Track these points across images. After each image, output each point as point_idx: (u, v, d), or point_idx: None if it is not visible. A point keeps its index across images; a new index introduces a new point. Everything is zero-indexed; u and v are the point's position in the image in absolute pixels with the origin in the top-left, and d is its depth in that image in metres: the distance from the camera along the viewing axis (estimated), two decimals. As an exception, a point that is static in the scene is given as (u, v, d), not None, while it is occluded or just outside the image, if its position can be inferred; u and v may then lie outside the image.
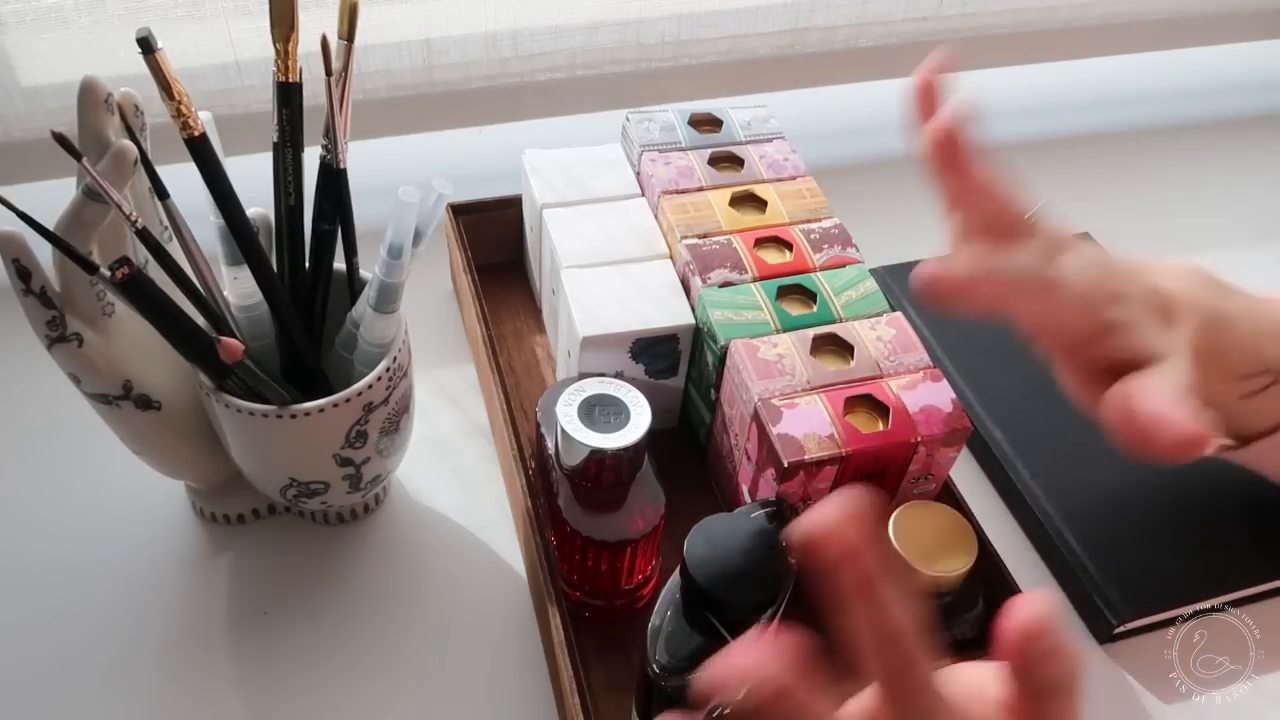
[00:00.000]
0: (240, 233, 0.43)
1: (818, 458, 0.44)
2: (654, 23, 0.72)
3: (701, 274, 0.52)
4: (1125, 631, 0.52)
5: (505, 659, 0.49)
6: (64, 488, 0.54)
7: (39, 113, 0.63)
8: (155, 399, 0.45)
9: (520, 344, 0.63)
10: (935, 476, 0.48)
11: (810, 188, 0.57)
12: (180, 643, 0.49)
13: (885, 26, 0.78)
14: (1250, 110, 0.91)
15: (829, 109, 0.85)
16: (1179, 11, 0.85)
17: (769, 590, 0.39)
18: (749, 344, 0.48)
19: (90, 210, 0.39)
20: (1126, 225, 0.75)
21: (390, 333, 0.46)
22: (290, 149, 0.43)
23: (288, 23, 0.40)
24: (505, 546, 0.54)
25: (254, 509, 0.53)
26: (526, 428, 0.55)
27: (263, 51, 0.64)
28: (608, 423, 0.44)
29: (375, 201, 0.51)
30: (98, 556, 0.52)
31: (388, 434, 0.48)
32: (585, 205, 0.57)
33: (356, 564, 0.52)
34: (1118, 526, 0.54)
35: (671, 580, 0.40)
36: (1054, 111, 0.88)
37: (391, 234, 0.42)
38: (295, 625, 0.50)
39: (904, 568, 0.43)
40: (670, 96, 0.76)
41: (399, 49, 0.68)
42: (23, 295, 0.40)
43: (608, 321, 0.50)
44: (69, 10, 0.60)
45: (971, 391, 0.61)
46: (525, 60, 0.71)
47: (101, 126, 0.40)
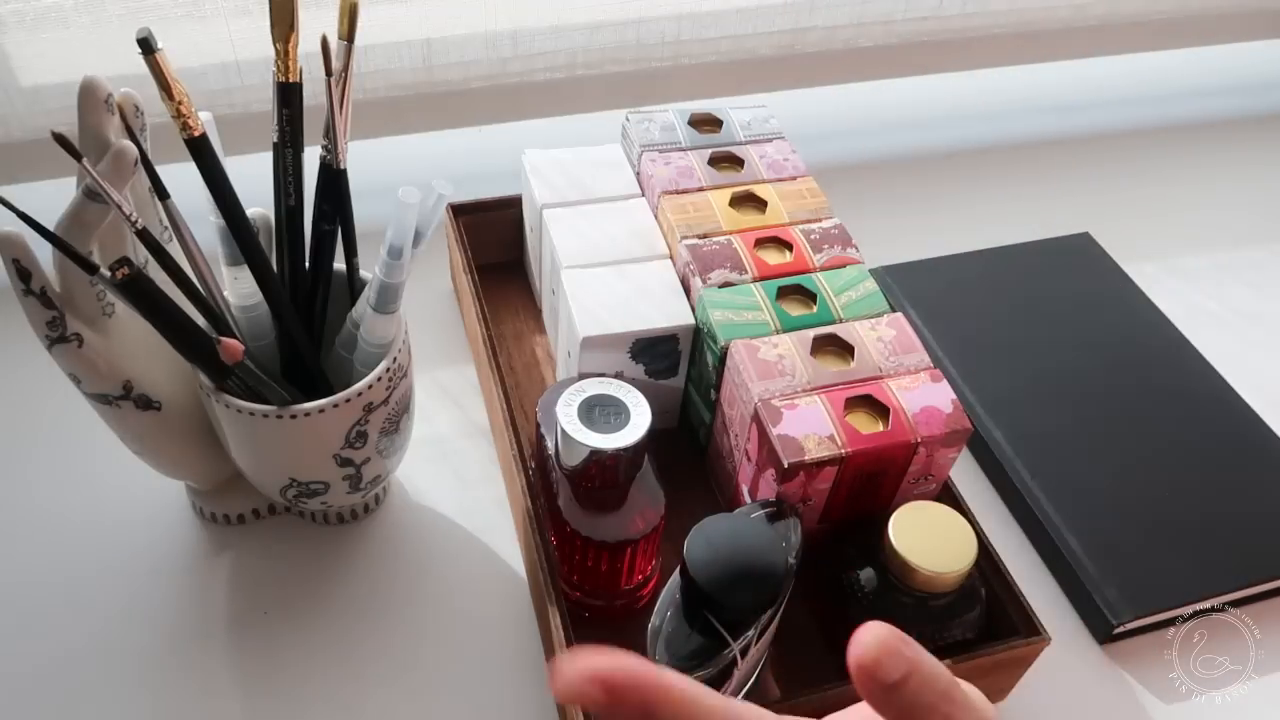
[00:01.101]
0: (240, 233, 0.43)
1: (818, 458, 0.44)
2: (654, 23, 0.72)
3: (701, 274, 0.52)
4: (1125, 631, 0.52)
5: (505, 659, 0.49)
6: (64, 488, 0.54)
7: (39, 113, 0.63)
8: (155, 399, 0.45)
9: (520, 344, 0.63)
10: (935, 477, 0.48)
11: (810, 188, 0.57)
12: (180, 643, 0.49)
13: (885, 26, 0.78)
14: (1250, 110, 0.91)
15: (829, 109, 0.85)
16: (1179, 11, 0.85)
17: (769, 590, 0.39)
18: (749, 344, 0.48)
19: (90, 210, 0.39)
20: (1126, 225, 0.75)
21: (390, 333, 0.46)
22: (290, 149, 0.43)
23: (288, 23, 0.40)
24: (505, 547, 0.54)
25: (254, 509, 0.53)
26: (526, 428, 0.55)
27: (263, 51, 0.64)
28: (608, 423, 0.44)
29: (375, 201, 0.51)
30: (98, 557, 0.52)
31: (388, 434, 0.48)
32: (585, 205, 0.57)
33: (356, 564, 0.52)
34: (1118, 526, 0.54)
35: (671, 580, 0.40)
36: (1054, 111, 0.88)
37: (391, 234, 0.42)
38: (295, 625, 0.50)
39: (904, 568, 0.43)
40: (670, 96, 0.76)
41: (399, 49, 0.68)
42: (23, 295, 0.40)
43: (608, 321, 0.50)
44: (69, 10, 0.60)
45: (971, 392, 0.61)
46: (525, 60, 0.71)
47: (101, 126, 0.40)
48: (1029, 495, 0.56)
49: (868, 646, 0.24)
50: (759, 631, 0.39)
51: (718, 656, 0.38)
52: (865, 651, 0.24)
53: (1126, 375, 0.62)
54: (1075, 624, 0.53)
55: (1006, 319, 0.65)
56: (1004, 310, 0.66)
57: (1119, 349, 0.64)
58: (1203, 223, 0.78)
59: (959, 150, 0.83)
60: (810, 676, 0.48)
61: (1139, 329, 0.65)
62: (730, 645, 0.38)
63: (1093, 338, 0.64)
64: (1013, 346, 0.64)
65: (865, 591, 0.45)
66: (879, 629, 0.24)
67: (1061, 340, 0.64)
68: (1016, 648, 0.45)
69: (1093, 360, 0.63)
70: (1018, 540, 0.56)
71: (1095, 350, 0.64)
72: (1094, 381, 0.62)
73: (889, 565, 0.44)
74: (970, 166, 0.81)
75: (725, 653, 0.38)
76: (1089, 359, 0.63)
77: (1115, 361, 0.63)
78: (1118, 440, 0.58)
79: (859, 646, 0.24)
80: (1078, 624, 0.53)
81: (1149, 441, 0.58)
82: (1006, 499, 0.58)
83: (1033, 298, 0.67)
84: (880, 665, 0.23)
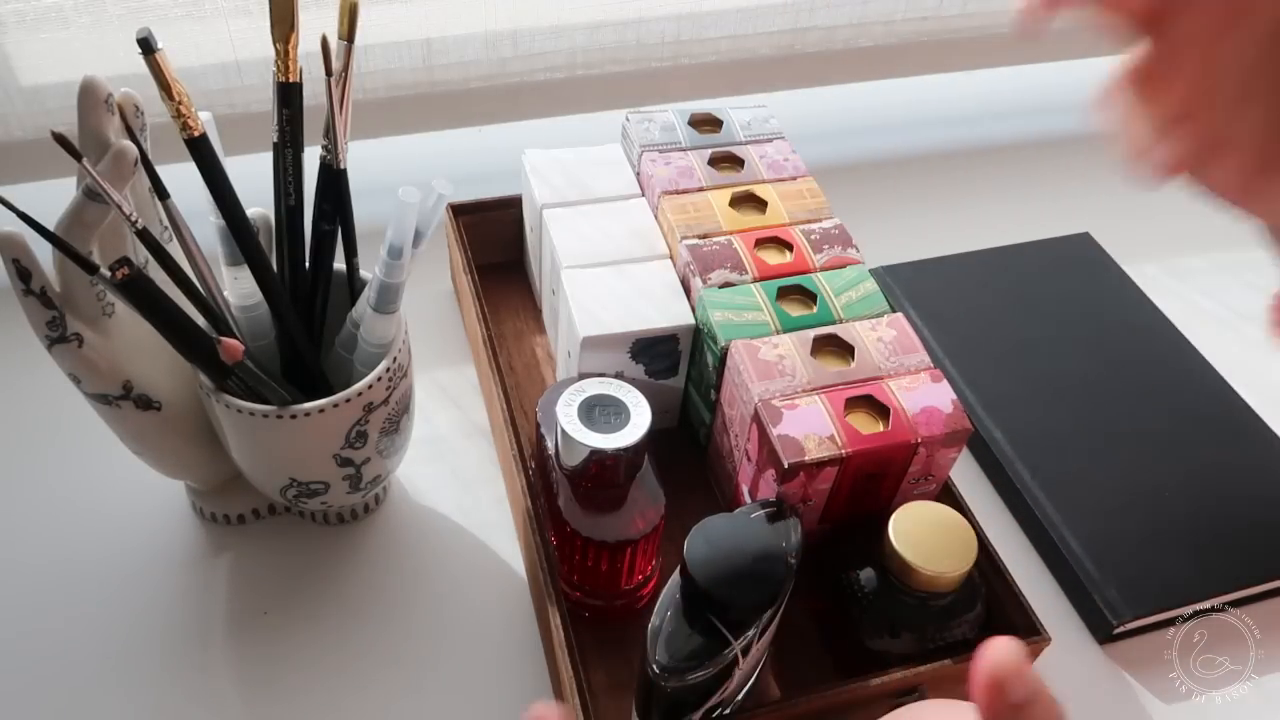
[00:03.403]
0: (240, 233, 0.43)
1: (818, 459, 0.44)
2: (654, 23, 0.72)
3: (702, 274, 0.52)
4: (1125, 631, 0.52)
5: (505, 659, 0.49)
6: (64, 488, 0.54)
7: (39, 113, 0.63)
8: (155, 399, 0.45)
9: (520, 344, 0.63)
10: (935, 477, 0.48)
11: (810, 188, 0.57)
12: (180, 643, 0.49)
13: (885, 26, 0.78)
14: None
15: (829, 109, 0.85)
16: (1179, 11, 0.85)
17: (769, 590, 0.39)
18: (749, 345, 0.48)
19: (90, 210, 0.39)
20: (1126, 225, 0.75)
21: (390, 333, 0.46)
22: (290, 149, 0.43)
23: (288, 23, 0.40)
24: (505, 546, 0.54)
25: (254, 509, 0.53)
26: (526, 428, 0.55)
27: (263, 51, 0.64)
28: (608, 423, 0.44)
29: (375, 201, 0.51)
30: (98, 557, 0.52)
31: (388, 434, 0.48)
32: (585, 205, 0.57)
33: (356, 564, 0.52)
34: (1118, 526, 0.54)
35: (671, 580, 0.40)
36: (1054, 111, 0.88)
37: (391, 234, 0.42)
38: (295, 625, 0.50)
39: (904, 568, 0.43)
40: (670, 96, 0.76)
41: (399, 49, 0.68)
42: (23, 295, 0.40)
43: (608, 322, 0.50)
44: (69, 10, 0.60)
45: (972, 392, 0.61)
46: (525, 60, 0.71)
47: (101, 126, 0.40)
48: (1029, 495, 0.56)
49: (1002, 662, 0.23)
50: (759, 631, 0.39)
51: (718, 656, 0.38)
52: (998, 667, 0.23)
53: (1126, 375, 0.62)
54: (1075, 624, 0.53)
55: (1006, 319, 0.65)
56: (1004, 310, 0.66)
57: (1119, 349, 0.64)
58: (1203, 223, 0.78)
59: (959, 150, 0.83)
60: (810, 676, 0.48)
61: (1139, 329, 0.65)
62: (731, 645, 0.38)
63: (1093, 338, 0.64)
64: (1013, 346, 0.63)
65: (865, 591, 0.45)
66: (1011, 645, 0.23)
67: (1061, 340, 0.64)
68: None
69: (1093, 360, 0.63)
70: (1018, 540, 0.56)
71: (1095, 350, 0.64)
72: (1094, 381, 0.62)
73: (889, 565, 0.44)
74: (970, 166, 0.81)
75: (726, 652, 0.38)
76: (1089, 359, 0.63)
77: (1115, 361, 0.63)
78: (1118, 440, 0.58)
79: (991, 661, 0.23)
80: (1078, 624, 0.53)
81: (1149, 441, 0.58)
82: (1006, 499, 0.58)
83: (1033, 298, 0.67)
84: (1009, 684, 0.23)
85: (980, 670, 0.23)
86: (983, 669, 0.23)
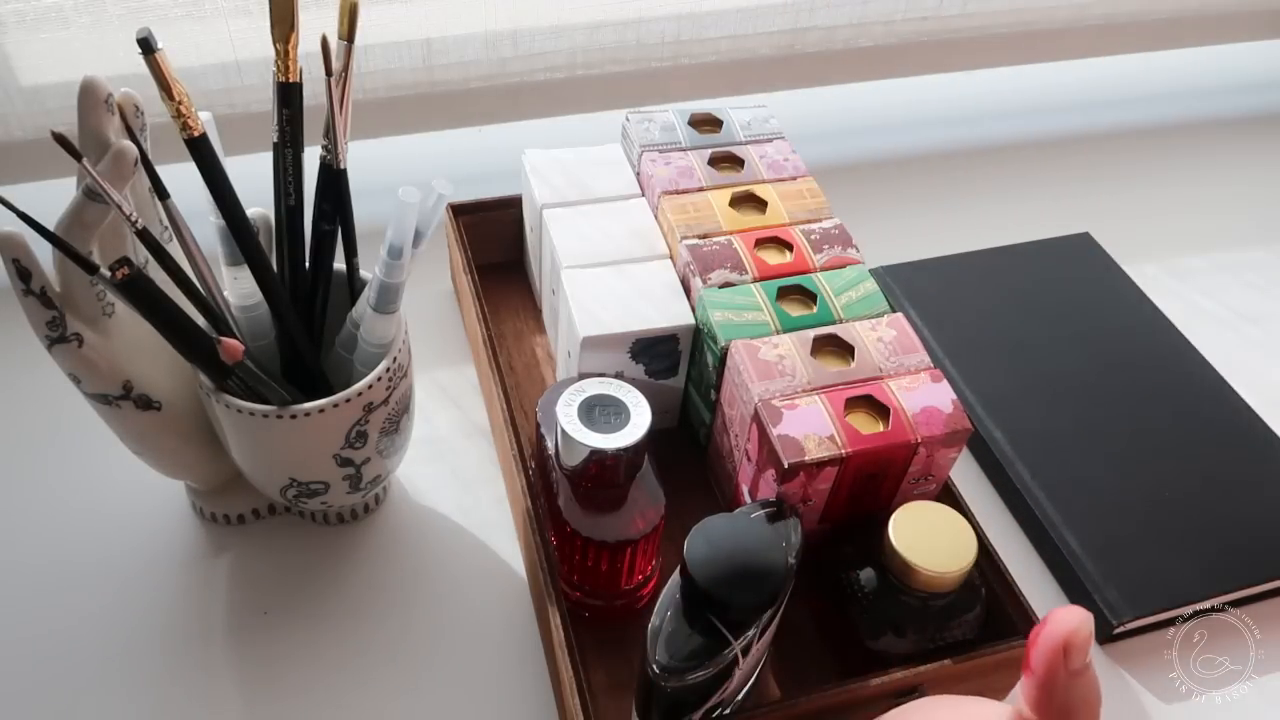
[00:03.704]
0: (240, 233, 0.43)
1: (818, 459, 0.44)
2: (654, 23, 0.72)
3: (702, 274, 0.52)
4: (1125, 631, 0.52)
5: (505, 659, 0.49)
6: (64, 488, 0.54)
7: (39, 113, 0.63)
8: (155, 399, 0.45)
9: (520, 344, 0.63)
10: (935, 477, 0.48)
11: (810, 188, 0.57)
12: (180, 643, 0.49)
13: (885, 26, 0.78)
14: (1250, 110, 0.91)
15: (829, 109, 0.85)
16: (1179, 11, 0.85)
17: (769, 590, 0.39)
18: (749, 345, 0.48)
19: (90, 210, 0.39)
20: (1126, 225, 0.75)
21: (390, 333, 0.46)
22: (290, 149, 0.43)
23: (288, 23, 0.40)
24: (505, 546, 0.54)
25: (254, 509, 0.53)
26: (526, 428, 0.55)
27: (263, 51, 0.64)
28: (608, 423, 0.44)
29: (375, 201, 0.51)
30: (98, 557, 0.52)
31: (388, 434, 0.48)
32: (585, 205, 0.57)
33: (356, 564, 0.52)
34: (1118, 526, 0.54)
35: (671, 580, 0.40)
36: (1054, 111, 0.88)
37: (391, 234, 0.42)
38: (295, 625, 0.50)
39: (904, 567, 0.43)
40: (670, 96, 0.76)
41: (399, 49, 0.68)
42: (23, 295, 0.40)
43: (608, 322, 0.50)
44: (69, 10, 0.60)
45: (972, 392, 0.61)
46: (525, 60, 0.71)
47: (101, 126, 0.40)
48: (1029, 495, 0.56)
49: (1077, 628, 0.23)
50: (759, 631, 0.39)
51: (718, 656, 0.38)
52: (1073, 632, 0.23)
53: (1126, 375, 0.62)
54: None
55: (1006, 319, 0.65)
56: (1004, 310, 0.66)
57: (1119, 349, 0.64)
58: (1203, 223, 0.78)
59: (959, 150, 0.83)
60: (810, 676, 0.48)
61: (1139, 329, 0.65)
62: (731, 645, 0.38)
63: (1093, 338, 0.64)
64: (1013, 346, 0.63)
65: (865, 591, 0.45)
66: (1083, 614, 0.24)
67: (1061, 340, 0.64)
68: (1016, 648, 0.45)
69: (1093, 360, 0.63)
70: (1018, 540, 0.56)
71: (1095, 350, 0.64)
72: (1094, 381, 0.62)
73: (889, 565, 0.44)
74: (970, 166, 0.81)
75: (726, 652, 0.38)
76: (1089, 359, 0.63)
77: (1115, 361, 0.63)
78: (1118, 440, 0.58)
79: (1064, 626, 0.23)
80: (1078, 624, 0.53)
81: (1149, 441, 0.58)
82: (1006, 499, 0.58)
83: (1033, 298, 0.67)
84: (1075, 650, 0.23)
85: (1049, 634, 0.24)
86: (1052, 633, 0.24)
